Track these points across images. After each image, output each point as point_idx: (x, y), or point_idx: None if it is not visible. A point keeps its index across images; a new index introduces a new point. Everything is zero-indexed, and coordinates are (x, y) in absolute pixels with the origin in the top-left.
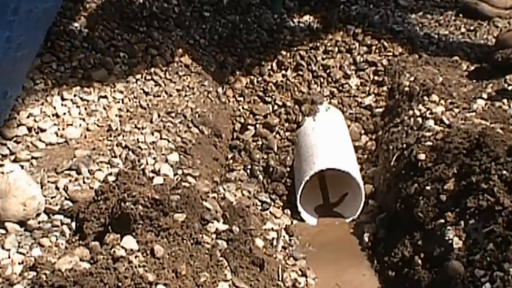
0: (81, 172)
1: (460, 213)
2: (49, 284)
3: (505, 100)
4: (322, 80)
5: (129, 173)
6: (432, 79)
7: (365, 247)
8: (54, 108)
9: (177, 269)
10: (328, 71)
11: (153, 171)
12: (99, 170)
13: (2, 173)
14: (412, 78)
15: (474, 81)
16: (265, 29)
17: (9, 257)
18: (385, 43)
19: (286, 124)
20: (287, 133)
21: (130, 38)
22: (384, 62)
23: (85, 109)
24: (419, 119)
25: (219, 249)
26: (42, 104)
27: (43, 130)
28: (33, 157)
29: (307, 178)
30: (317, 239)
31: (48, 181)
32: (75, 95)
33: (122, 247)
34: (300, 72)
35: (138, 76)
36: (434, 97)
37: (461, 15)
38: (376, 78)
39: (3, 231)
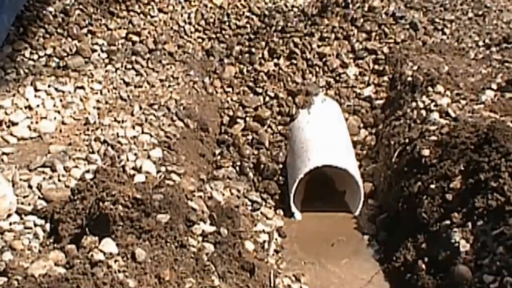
0: (56, 169)
1: (468, 213)
2: None
3: None
4: (317, 69)
5: (108, 170)
6: (437, 68)
7: (365, 250)
8: (27, 99)
9: (160, 275)
10: (324, 59)
11: (134, 168)
12: (76, 167)
13: None
14: (415, 67)
15: (483, 70)
16: (256, 14)
17: None
18: (386, 29)
19: (279, 117)
20: (280, 127)
21: (109, 23)
22: (385, 49)
23: (61, 100)
24: (423, 112)
25: (206, 252)
26: (14, 95)
27: (14, 124)
28: (3, 153)
29: (301, 176)
30: (316, 239)
31: (20, 179)
32: (49, 86)
33: (101, 251)
34: (294, 61)
35: (118, 65)
36: (439, 88)
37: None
38: (376, 67)
39: None
